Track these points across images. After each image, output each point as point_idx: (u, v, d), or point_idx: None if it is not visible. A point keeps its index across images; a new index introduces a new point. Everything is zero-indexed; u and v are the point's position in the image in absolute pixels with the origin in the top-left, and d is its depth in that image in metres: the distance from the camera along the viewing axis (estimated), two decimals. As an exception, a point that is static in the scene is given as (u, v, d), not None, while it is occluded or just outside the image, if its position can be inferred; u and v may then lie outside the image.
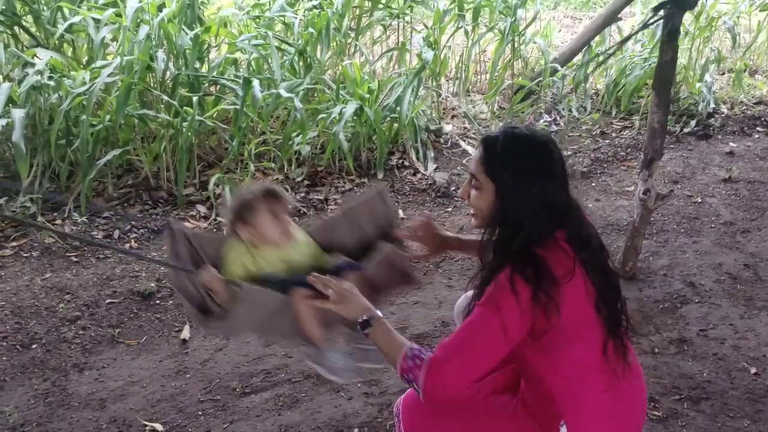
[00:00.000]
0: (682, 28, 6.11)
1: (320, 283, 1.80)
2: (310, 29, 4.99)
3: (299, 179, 4.57)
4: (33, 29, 4.50)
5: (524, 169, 1.63)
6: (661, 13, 3.05)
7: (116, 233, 3.86)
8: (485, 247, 1.69)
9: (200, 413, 2.61)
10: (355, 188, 4.56)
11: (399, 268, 2.10)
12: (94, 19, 4.19)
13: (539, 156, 1.65)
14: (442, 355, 1.59)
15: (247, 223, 2.01)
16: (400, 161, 5.01)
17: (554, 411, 1.67)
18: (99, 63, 4.07)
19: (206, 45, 4.69)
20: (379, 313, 1.74)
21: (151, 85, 4.35)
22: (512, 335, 1.57)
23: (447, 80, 6.35)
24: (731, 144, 5.66)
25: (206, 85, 4.61)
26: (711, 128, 5.91)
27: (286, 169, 4.62)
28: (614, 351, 1.65)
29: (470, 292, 2.11)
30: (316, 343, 2.01)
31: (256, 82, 4.26)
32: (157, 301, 3.33)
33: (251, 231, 2.01)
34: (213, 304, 1.93)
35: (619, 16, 6.22)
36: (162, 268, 3.56)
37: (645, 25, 3.10)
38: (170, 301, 3.33)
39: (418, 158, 5.02)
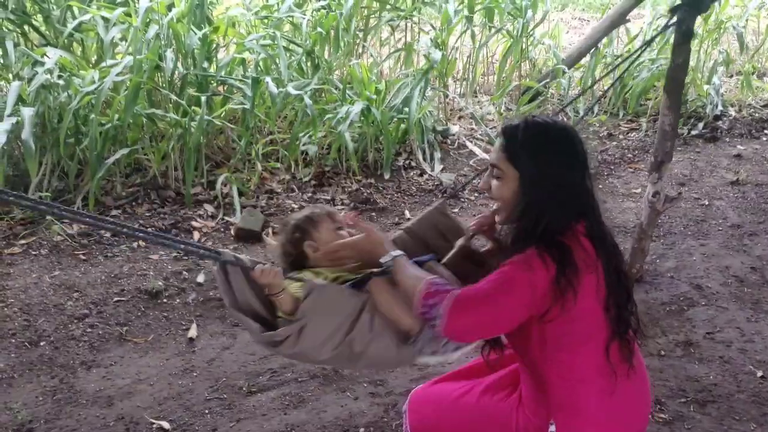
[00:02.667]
0: (690, 31, 6.13)
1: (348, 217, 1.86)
2: (319, 29, 5.00)
3: (306, 179, 4.58)
4: (43, 28, 4.52)
5: (547, 155, 1.61)
6: (675, 15, 3.04)
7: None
8: (511, 240, 1.65)
9: (207, 411, 2.62)
10: (361, 188, 4.56)
11: (476, 257, 1.92)
12: (103, 18, 4.21)
13: (562, 143, 1.64)
14: (472, 293, 1.55)
15: (312, 240, 1.89)
16: (407, 162, 5.01)
17: (548, 410, 1.67)
18: (108, 62, 4.09)
19: (215, 45, 4.71)
20: (399, 252, 1.72)
21: (160, 84, 4.37)
22: (538, 297, 1.53)
23: (454, 81, 6.36)
24: (739, 147, 5.65)
25: (214, 84, 4.63)
26: (719, 131, 5.90)
27: (293, 169, 4.63)
28: (618, 352, 1.63)
29: None
30: (413, 331, 1.73)
31: (268, 80, 4.28)
32: (165, 300, 3.34)
33: (317, 247, 1.88)
34: (275, 318, 1.75)
35: (627, 17, 6.22)
36: (170, 267, 3.58)
37: (664, 28, 3.08)
38: (177, 300, 3.34)
39: (424, 159, 5.02)
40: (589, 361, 1.62)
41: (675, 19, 3.03)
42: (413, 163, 5.00)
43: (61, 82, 3.97)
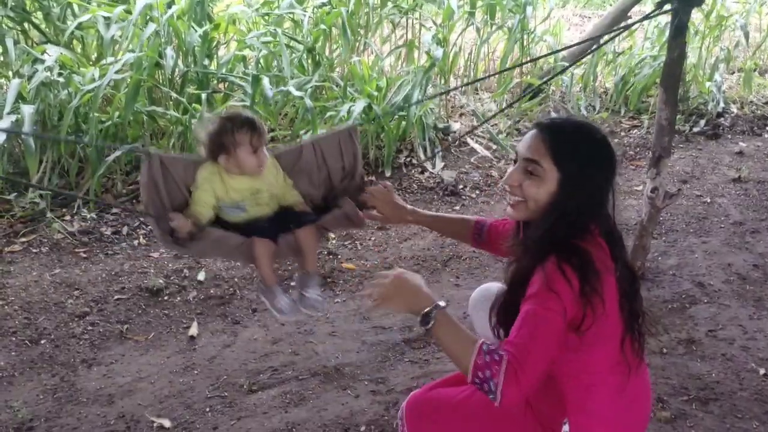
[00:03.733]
0: (692, 27, 6.12)
1: (371, 289, 1.64)
2: (322, 26, 4.98)
3: (307, 177, 4.56)
4: (43, 26, 4.51)
5: (592, 158, 1.58)
6: (668, 7, 3.03)
7: (125, 229, 3.88)
8: (530, 239, 1.61)
9: (208, 409, 2.62)
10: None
11: (355, 223, 2.23)
12: (103, 16, 4.21)
13: (603, 147, 1.61)
14: (516, 353, 1.44)
15: (226, 152, 2.07)
16: (408, 159, 5.00)
17: (560, 409, 1.66)
18: (108, 60, 4.08)
19: (215, 42, 4.70)
20: (441, 302, 1.57)
21: (160, 82, 4.36)
22: (569, 317, 1.49)
23: (455, 78, 6.34)
24: (741, 144, 5.63)
25: (215, 82, 4.62)
26: (720, 128, 5.89)
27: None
28: (631, 347, 1.62)
29: (490, 284, 2.10)
30: (268, 284, 2.18)
31: (265, 80, 4.26)
32: (165, 298, 3.34)
33: (228, 159, 2.08)
34: (180, 237, 2.06)
35: (628, 14, 6.20)
36: (170, 265, 3.57)
37: (646, 17, 3.07)
38: (178, 298, 3.34)
39: (426, 156, 5.01)
40: (604, 359, 1.60)
41: (662, 9, 3.02)
42: (414, 161, 4.99)
43: (61, 79, 3.97)
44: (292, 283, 2.55)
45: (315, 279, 2.25)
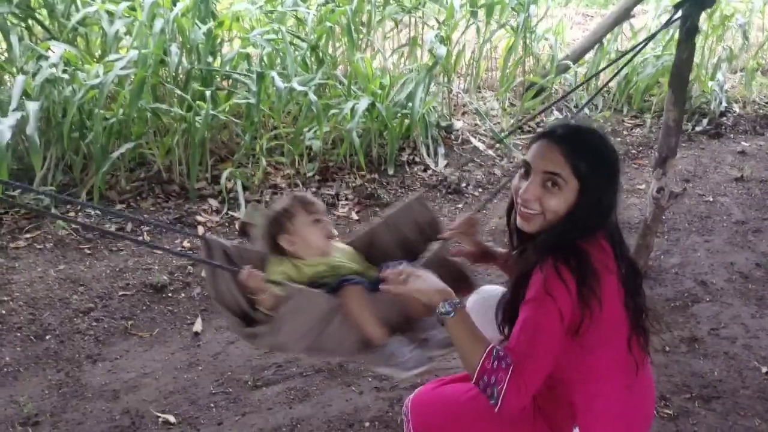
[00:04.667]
0: (695, 26, 6.11)
1: (394, 275, 1.65)
2: (327, 23, 4.99)
3: (310, 174, 4.58)
4: (47, 22, 4.51)
5: (607, 165, 1.58)
6: (680, 11, 3.03)
7: (129, 226, 3.89)
8: (535, 246, 1.60)
9: (212, 405, 2.63)
10: (365, 184, 4.56)
11: (452, 268, 1.98)
12: (108, 12, 4.21)
13: (615, 154, 1.62)
14: (519, 359, 1.47)
15: (288, 233, 1.94)
16: (411, 157, 5.01)
17: (570, 413, 1.66)
18: (112, 56, 4.09)
19: (219, 39, 4.70)
20: (460, 300, 1.59)
21: (164, 79, 4.37)
22: (566, 323, 1.50)
23: (458, 77, 6.34)
24: (743, 143, 5.64)
25: (219, 79, 4.63)
26: (723, 127, 5.90)
27: (297, 164, 4.63)
28: (637, 344, 1.63)
29: (486, 287, 2.09)
30: (377, 341, 1.84)
31: (274, 74, 4.27)
32: (170, 294, 3.35)
33: (293, 240, 1.94)
34: (255, 311, 1.83)
35: (631, 13, 6.20)
36: (175, 261, 3.58)
37: (667, 23, 3.07)
38: (182, 294, 3.35)
39: (428, 154, 5.02)
40: (610, 360, 1.60)
41: (679, 14, 3.03)
42: (417, 159, 4.99)
43: (65, 76, 3.97)
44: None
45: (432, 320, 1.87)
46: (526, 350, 1.47)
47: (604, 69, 4.79)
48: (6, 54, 4.31)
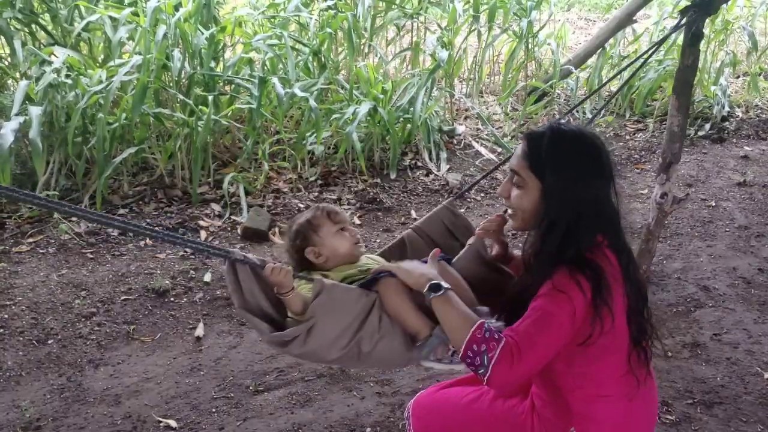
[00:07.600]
0: (697, 31, 6.11)
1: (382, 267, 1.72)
2: (328, 29, 5.00)
3: (312, 179, 4.58)
4: (50, 27, 4.53)
5: (573, 169, 1.54)
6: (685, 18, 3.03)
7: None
8: (533, 252, 1.59)
9: (214, 410, 2.63)
10: (367, 188, 4.57)
11: (488, 261, 1.91)
12: (111, 18, 4.23)
13: (587, 154, 1.57)
14: (518, 340, 1.44)
15: (314, 245, 1.88)
16: (413, 162, 5.02)
17: (567, 418, 1.66)
18: (116, 62, 4.10)
19: (221, 44, 4.72)
20: (446, 284, 1.58)
21: (167, 84, 4.38)
22: (578, 326, 1.48)
23: (460, 81, 6.35)
24: (746, 148, 5.63)
25: (221, 84, 4.64)
26: (725, 132, 5.89)
27: (299, 169, 4.63)
28: (637, 360, 1.62)
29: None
30: (422, 334, 1.70)
31: (275, 80, 4.28)
32: (172, 299, 3.35)
33: (320, 252, 1.88)
34: (285, 320, 1.73)
35: (634, 18, 6.21)
36: (177, 266, 3.58)
37: (674, 29, 3.07)
38: (184, 299, 3.35)
39: (431, 159, 5.02)
40: (611, 372, 1.59)
41: (684, 20, 3.02)
42: (419, 163, 5.00)
43: (68, 81, 3.99)
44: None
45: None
46: (530, 332, 1.46)
47: (611, 79, 4.80)
48: (9, 59, 4.33)
